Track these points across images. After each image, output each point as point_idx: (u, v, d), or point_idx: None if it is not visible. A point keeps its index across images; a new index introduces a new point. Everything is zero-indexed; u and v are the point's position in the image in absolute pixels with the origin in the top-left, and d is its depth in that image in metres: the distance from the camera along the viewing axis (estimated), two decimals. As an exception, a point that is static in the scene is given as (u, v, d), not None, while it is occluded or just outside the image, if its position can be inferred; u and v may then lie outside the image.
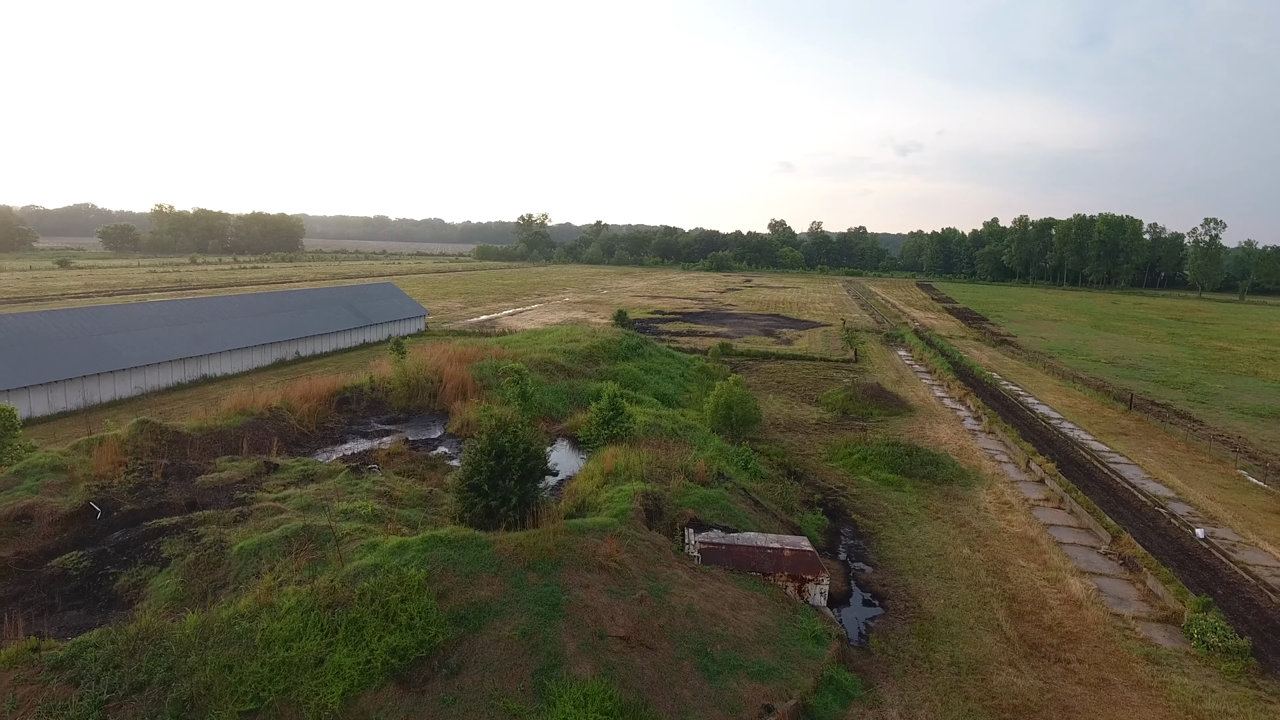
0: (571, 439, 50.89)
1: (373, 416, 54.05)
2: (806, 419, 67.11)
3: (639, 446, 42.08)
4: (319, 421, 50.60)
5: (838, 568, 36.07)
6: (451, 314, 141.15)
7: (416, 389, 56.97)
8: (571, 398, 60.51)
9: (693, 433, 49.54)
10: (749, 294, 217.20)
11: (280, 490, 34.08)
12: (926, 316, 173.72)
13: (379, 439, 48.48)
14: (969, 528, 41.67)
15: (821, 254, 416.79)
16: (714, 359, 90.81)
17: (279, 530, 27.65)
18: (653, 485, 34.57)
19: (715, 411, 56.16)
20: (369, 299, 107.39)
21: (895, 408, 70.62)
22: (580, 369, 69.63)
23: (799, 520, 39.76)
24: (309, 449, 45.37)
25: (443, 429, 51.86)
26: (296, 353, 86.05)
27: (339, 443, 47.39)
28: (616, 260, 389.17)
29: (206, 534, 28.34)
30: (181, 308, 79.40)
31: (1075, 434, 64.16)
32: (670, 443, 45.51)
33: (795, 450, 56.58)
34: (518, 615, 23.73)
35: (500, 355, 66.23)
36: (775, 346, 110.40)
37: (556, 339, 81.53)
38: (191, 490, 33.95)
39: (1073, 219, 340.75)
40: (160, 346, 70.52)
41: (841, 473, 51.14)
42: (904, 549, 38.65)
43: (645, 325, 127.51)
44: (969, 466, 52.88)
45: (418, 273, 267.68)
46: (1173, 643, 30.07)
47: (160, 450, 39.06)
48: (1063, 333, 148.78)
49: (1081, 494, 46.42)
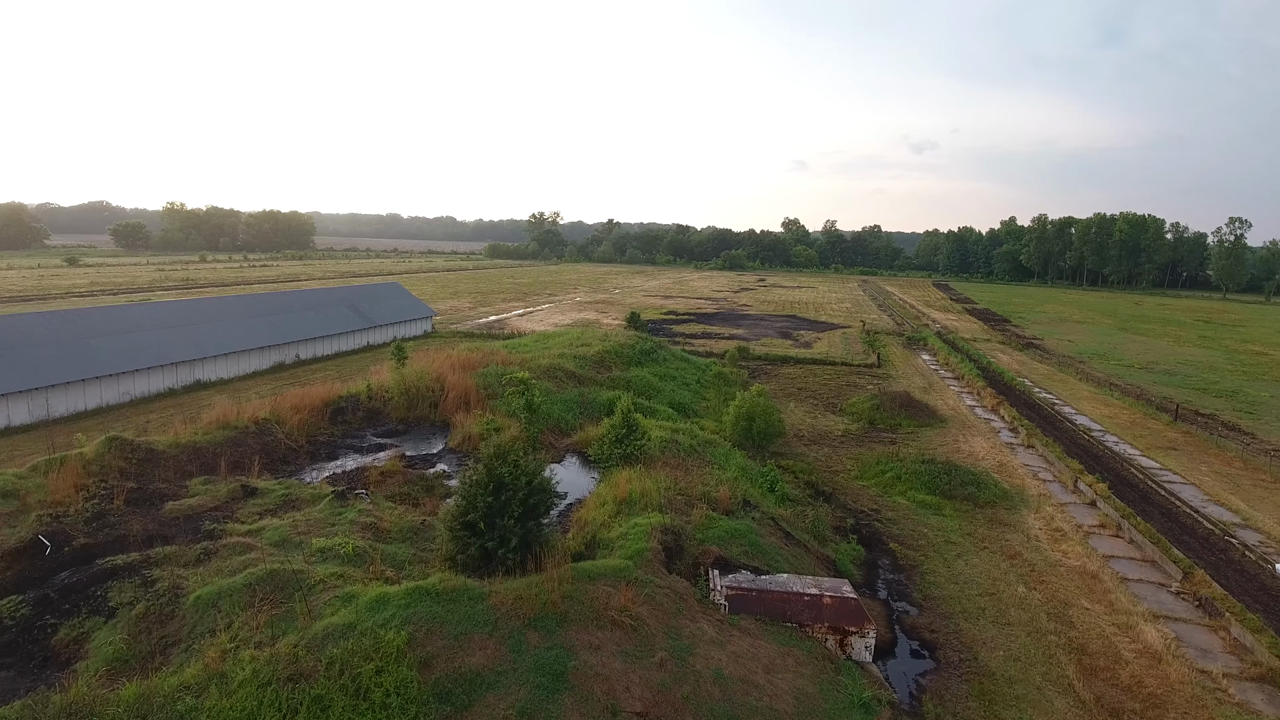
0: (581, 454, 47.14)
1: (369, 428, 50.45)
2: (831, 430, 63.09)
3: (655, 467, 38.24)
4: (310, 434, 47.03)
5: (878, 608, 32.14)
6: (460, 314, 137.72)
7: (416, 398, 53.32)
8: (582, 407, 56.75)
9: (713, 449, 45.66)
10: (763, 294, 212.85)
11: (255, 520, 30.46)
12: (946, 318, 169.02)
13: (374, 454, 44.85)
14: (1021, 560, 37.60)
15: (836, 253, 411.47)
16: (731, 364, 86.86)
17: (243, 575, 23.97)
18: (672, 517, 30.71)
19: (736, 424, 52.29)
20: (373, 299, 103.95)
21: (925, 418, 66.48)
22: (591, 375, 65.86)
23: (832, 551, 35.85)
24: (296, 467, 41.76)
25: (444, 443, 48.19)
26: (296, 356, 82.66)
27: (330, 459, 43.77)
28: (628, 259, 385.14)
29: (162, 578, 24.70)
30: (175, 309, 76.05)
31: (1120, 448, 59.83)
32: (689, 462, 41.68)
33: (822, 466, 52.60)
34: (515, 688, 19.96)
35: (507, 361, 62.51)
36: (794, 350, 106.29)
37: (566, 343, 77.77)
38: (156, 520, 30.38)
39: (1093, 218, 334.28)
40: (151, 350, 67.18)
41: (874, 493, 47.12)
42: (951, 585, 34.65)
43: (658, 327, 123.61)
44: (1012, 486, 48.74)
45: (428, 271, 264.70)
46: (1274, 708, 25.98)
47: (130, 470, 35.53)
48: (1089, 335, 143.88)
49: (1140, 520, 42.25)
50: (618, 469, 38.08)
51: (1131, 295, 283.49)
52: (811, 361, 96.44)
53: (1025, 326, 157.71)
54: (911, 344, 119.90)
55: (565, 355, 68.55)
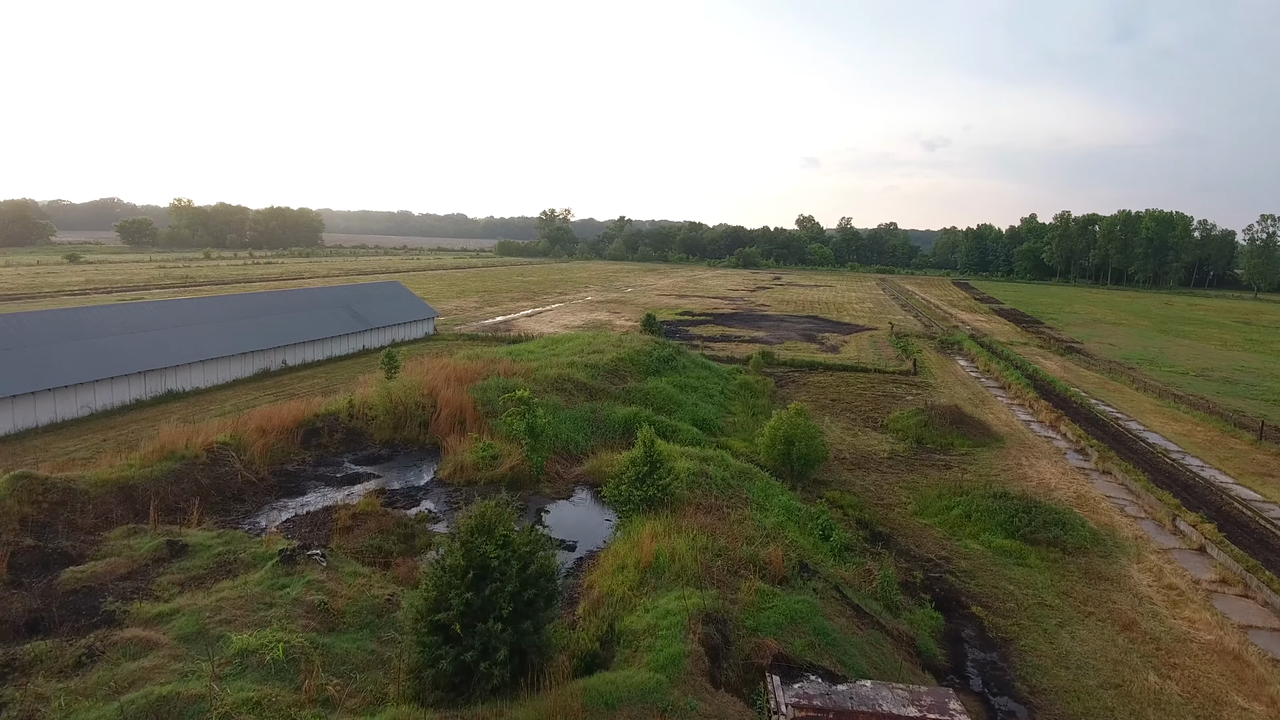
0: (593, 486, 40.12)
1: (348, 453, 43.57)
2: (875, 450, 55.86)
3: (684, 514, 31.15)
4: (277, 462, 40.21)
5: (973, 704, 24.99)
6: (465, 315, 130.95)
7: (404, 417, 46.41)
8: (594, 427, 49.78)
9: (749, 482, 38.53)
10: (780, 293, 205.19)
11: (173, 595, 23.58)
12: (974, 319, 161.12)
13: (349, 488, 37.99)
14: (1139, 632, 30.33)
15: (851, 251, 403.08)
16: (755, 371, 79.64)
17: (117, 707, 17.00)
18: (713, 595, 23.61)
19: (771, 447, 45.25)
20: (371, 300, 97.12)
21: (979, 436, 59.11)
22: (604, 387, 58.82)
23: (907, 622, 28.70)
24: (251, 507, 34.90)
25: (433, 471, 41.22)
26: (283, 362, 75.96)
27: (295, 494, 36.91)
28: (640, 256, 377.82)
29: (15, 702, 17.79)
30: (148, 311, 69.34)
31: (1208, 474, 52.33)
32: (723, 501, 34.58)
33: (872, 497, 45.41)
34: None
35: (509, 372, 55.46)
36: (821, 354, 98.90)
37: (577, 349, 70.69)
38: (46, 594, 23.55)
39: (1117, 215, 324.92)
40: (116, 357, 60.54)
41: (940, 534, 39.88)
42: (1061, 671, 27.42)
43: (674, 328, 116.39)
44: (1100, 526, 41.35)
45: (436, 269, 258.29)
46: None
47: (35, 519, 28.74)
48: (1130, 338, 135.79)
49: (1268, 573, 34.85)
50: (639, 516, 31.00)
51: (1159, 295, 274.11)
52: (842, 368, 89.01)
53: (1060, 328, 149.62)
54: (945, 348, 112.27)
55: (575, 364, 61.52)
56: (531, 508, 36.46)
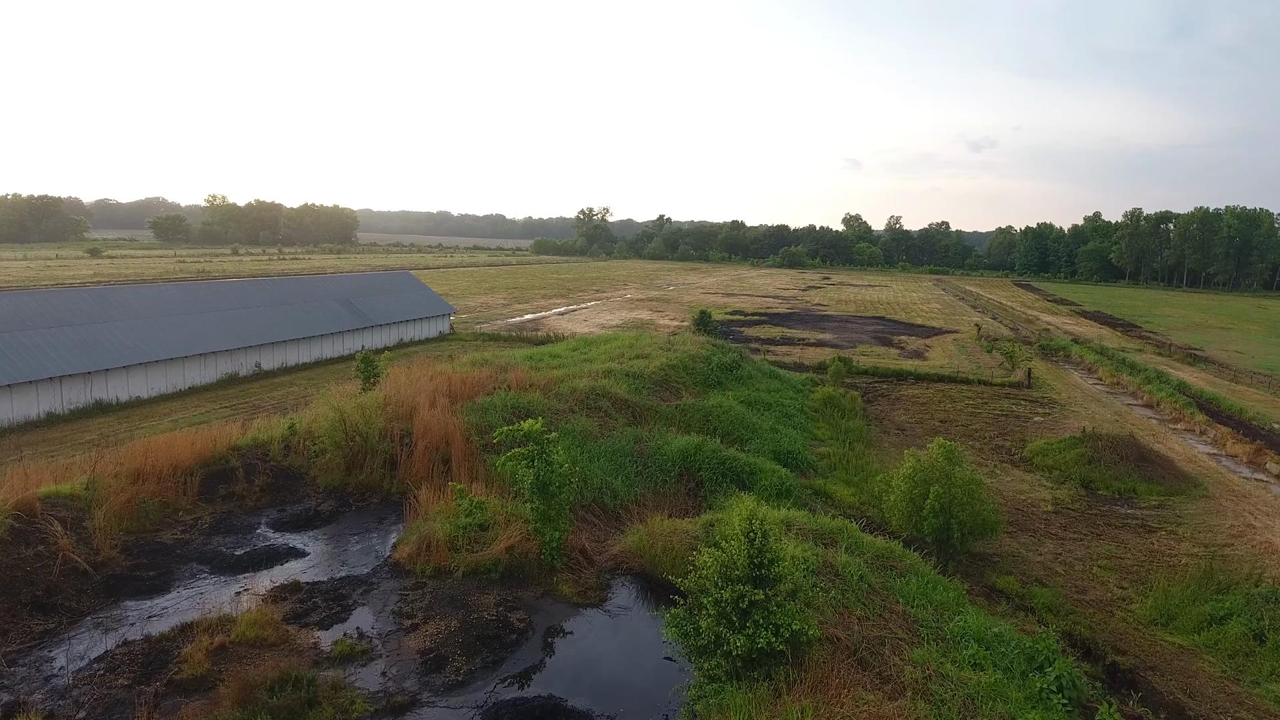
0: (642, 579, 24.98)
1: (270, 509, 28.94)
2: (1030, 498, 40.07)
3: (825, 681, 15.92)
4: (147, 527, 25.81)
5: None
6: (490, 312, 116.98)
7: (363, 452, 31.62)
8: (640, 467, 34.70)
9: (899, 579, 23.12)
10: (834, 292, 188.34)
11: None
12: (1060, 321, 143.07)
13: (249, 575, 23.43)
14: None
15: (900, 250, 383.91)
16: (835, 382, 63.84)
17: None
18: None
19: (911, 512, 29.97)
20: (375, 293, 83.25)
21: (1168, 479, 42.88)
22: (651, 404, 43.78)
23: None
24: (58, 623, 20.47)
25: (389, 547, 26.26)
26: (256, 365, 62.17)
27: (150, 591, 22.38)
28: (680, 255, 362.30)
29: None
30: (77, 300, 55.70)
31: None
32: (872, 623, 19.27)
33: (1064, 584, 29.71)
34: None
35: (523, 383, 40.50)
36: (904, 361, 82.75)
37: (614, 352, 55.72)
38: None
39: (1194, 212, 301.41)
40: (29, 359, 47.16)
41: (1215, 673, 24.08)
42: None
43: (726, 329, 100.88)
44: None
45: (469, 265, 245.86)
46: None
47: None
48: (1254, 345, 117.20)
49: None
50: (735, 687, 15.87)
51: (1245, 297, 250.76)
52: (937, 378, 72.92)
53: (1163, 332, 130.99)
54: (1047, 354, 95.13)
55: (613, 372, 46.49)
56: (537, 628, 21.43)
